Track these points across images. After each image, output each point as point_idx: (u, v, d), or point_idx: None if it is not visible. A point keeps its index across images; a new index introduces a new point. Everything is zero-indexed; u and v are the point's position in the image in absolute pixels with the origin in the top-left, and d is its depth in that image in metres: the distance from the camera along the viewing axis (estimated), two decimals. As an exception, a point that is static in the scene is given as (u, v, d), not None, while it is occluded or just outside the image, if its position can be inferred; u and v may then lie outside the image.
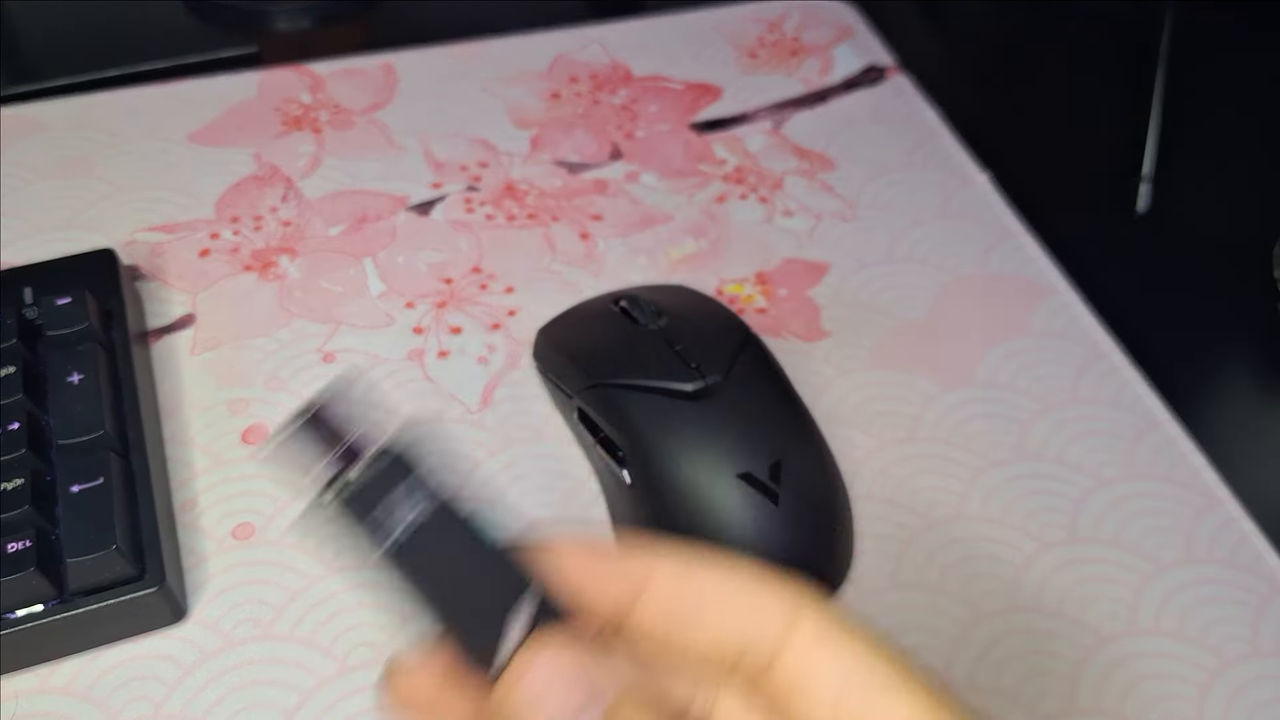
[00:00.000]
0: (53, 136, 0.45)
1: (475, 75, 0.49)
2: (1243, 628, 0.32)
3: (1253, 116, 0.50)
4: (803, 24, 0.53)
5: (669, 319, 0.34)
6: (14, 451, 0.31)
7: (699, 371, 0.32)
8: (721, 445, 0.31)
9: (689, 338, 0.33)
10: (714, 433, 0.31)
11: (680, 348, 0.33)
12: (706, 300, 0.37)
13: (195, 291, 0.40)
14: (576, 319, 0.37)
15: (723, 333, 0.34)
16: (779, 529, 0.31)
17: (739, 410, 0.32)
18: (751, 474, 0.31)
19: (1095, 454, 0.36)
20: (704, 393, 0.32)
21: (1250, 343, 0.41)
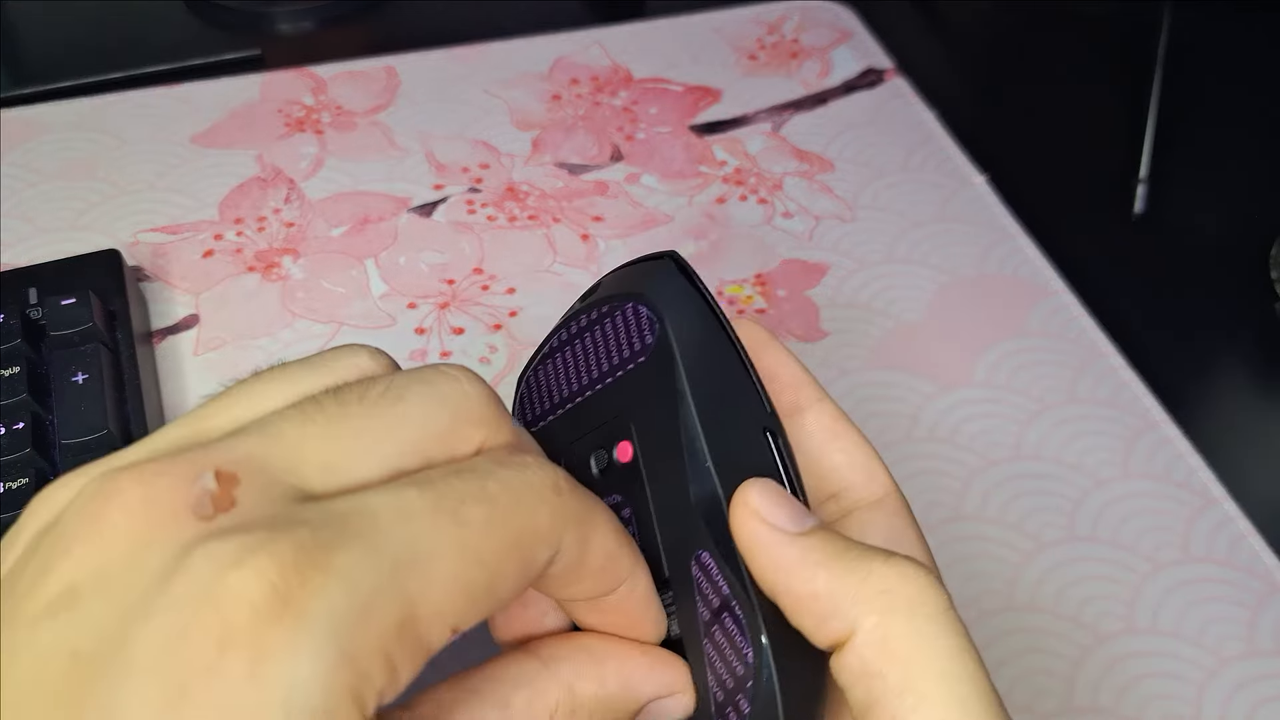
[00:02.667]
0: (56, 138, 0.45)
1: (477, 77, 0.50)
2: (1240, 627, 0.32)
3: (1250, 118, 0.51)
4: (802, 26, 0.53)
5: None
6: (18, 451, 0.31)
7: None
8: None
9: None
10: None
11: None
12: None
13: (199, 292, 0.40)
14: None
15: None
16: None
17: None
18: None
19: (1092, 454, 0.36)
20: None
21: (1247, 343, 0.41)
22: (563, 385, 0.23)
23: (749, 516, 0.20)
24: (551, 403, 0.23)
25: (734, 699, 0.20)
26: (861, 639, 0.19)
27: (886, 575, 0.19)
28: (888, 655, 0.19)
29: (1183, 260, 0.44)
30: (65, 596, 0.15)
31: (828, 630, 0.20)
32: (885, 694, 0.19)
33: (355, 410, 0.17)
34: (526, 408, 0.24)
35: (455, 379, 0.19)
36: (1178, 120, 0.49)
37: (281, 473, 0.16)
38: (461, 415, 0.18)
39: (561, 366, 0.23)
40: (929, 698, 0.18)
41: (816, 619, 0.20)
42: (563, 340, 0.24)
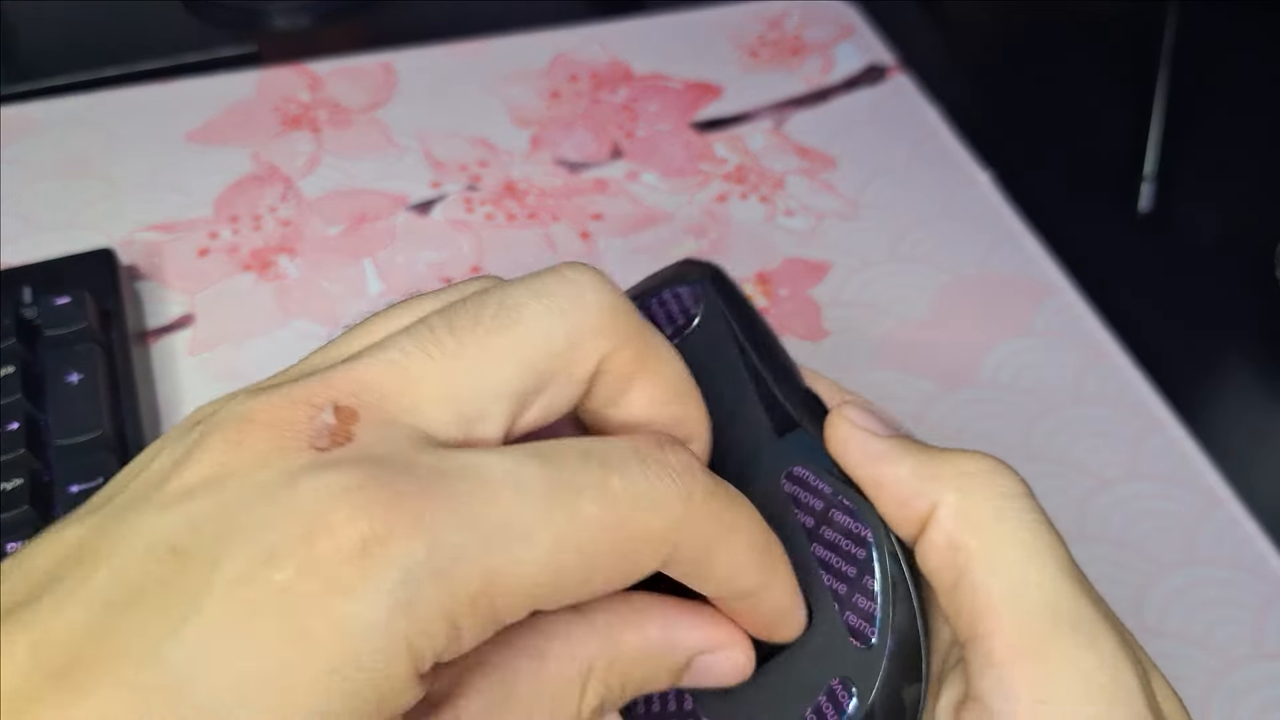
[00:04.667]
0: (51, 136, 0.45)
1: (475, 74, 0.49)
2: (1246, 629, 0.32)
3: (1255, 116, 0.50)
4: (803, 23, 0.53)
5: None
6: (12, 452, 0.31)
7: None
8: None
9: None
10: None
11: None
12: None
13: (194, 291, 0.40)
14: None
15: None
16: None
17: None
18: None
19: (1098, 454, 0.36)
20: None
21: (1253, 343, 0.41)
22: None
23: (843, 421, 0.21)
24: None
25: (860, 582, 0.21)
26: (944, 513, 0.20)
27: (966, 462, 0.20)
28: (970, 527, 0.20)
29: (1189, 259, 0.44)
30: (181, 495, 0.15)
31: (911, 511, 0.20)
32: (969, 564, 0.19)
33: (468, 337, 0.17)
34: None
35: (575, 283, 0.18)
36: (1184, 117, 0.49)
37: (401, 411, 0.16)
38: (581, 328, 0.18)
39: None
40: (1011, 566, 0.19)
41: (900, 501, 0.20)
42: None
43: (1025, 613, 0.19)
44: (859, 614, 0.20)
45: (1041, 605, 0.19)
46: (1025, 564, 0.19)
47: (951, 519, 0.20)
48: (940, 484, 0.20)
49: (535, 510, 0.16)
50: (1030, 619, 0.19)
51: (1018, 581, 0.19)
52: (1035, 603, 0.19)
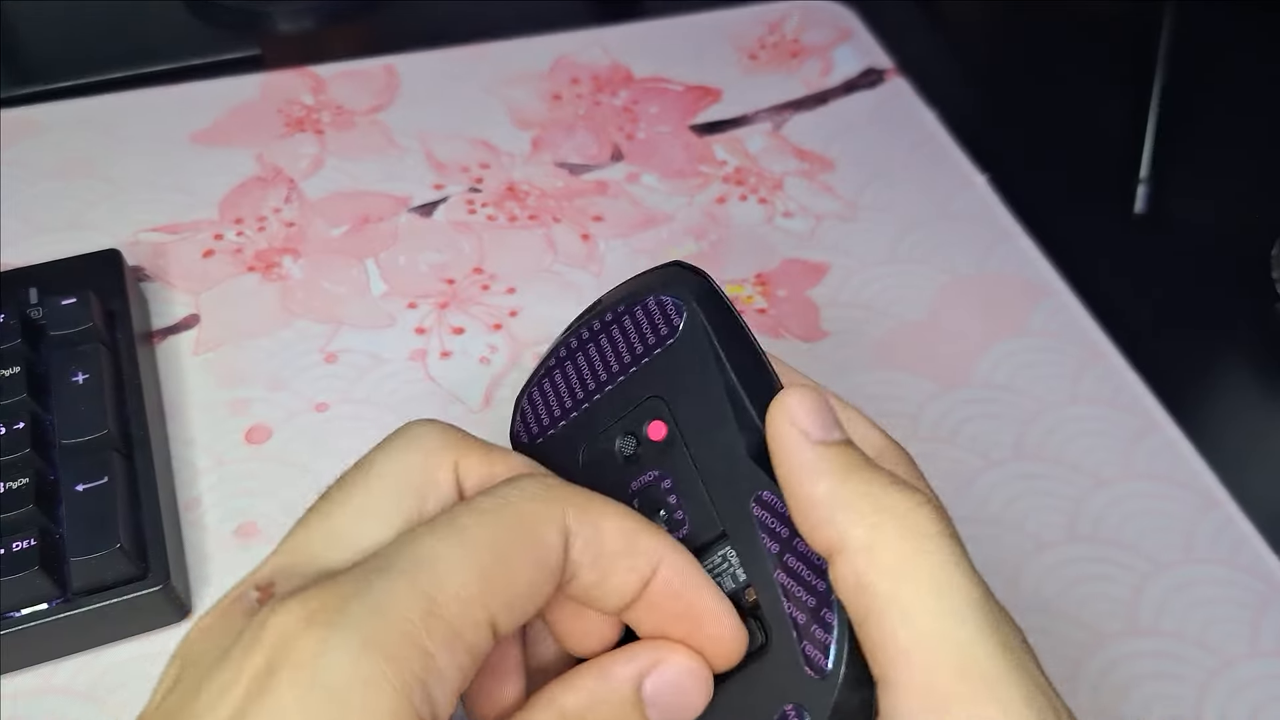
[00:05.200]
0: (55, 138, 0.45)
1: (477, 77, 0.50)
2: (1242, 627, 0.32)
3: (1251, 117, 0.51)
4: (802, 26, 0.53)
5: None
6: (18, 451, 0.31)
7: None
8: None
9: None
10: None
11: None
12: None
13: (198, 292, 0.40)
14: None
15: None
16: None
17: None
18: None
19: (1094, 454, 0.36)
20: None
21: (1249, 344, 0.41)
22: (571, 392, 0.25)
23: (781, 416, 0.21)
24: (560, 411, 0.25)
25: (818, 613, 0.21)
26: (853, 549, 0.20)
27: (885, 494, 0.20)
28: (876, 567, 0.19)
29: (1184, 260, 0.44)
30: (171, 679, 0.20)
31: (820, 538, 0.20)
32: (875, 606, 0.19)
33: (338, 495, 0.21)
34: (530, 424, 0.25)
35: (412, 426, 0.22)
36: (1179, 120, 0.49)
37: (304, 565, 0.20)
38: (428, 448, 0.22)
39: (568, 377, 0.25)
40: (920, 615, 0.19)
41: (811, 525, 0.20)
42: (566, 353, 0.25)
43: (931, 667, 0.19)
44: (815, 644, 0.21)
45: (949, 659, 0.19)
46: (935, 614, 0.19)
47: (861, 557, 0.20)
48: (853, 515, 0.20)
49: (431, 540, 0.19)
50: (936, 674, 0.19)
51: (925, 633, 0.19)
52: (942, 656, 0.19)
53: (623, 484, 0.23)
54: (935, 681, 0.19)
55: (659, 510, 0.23)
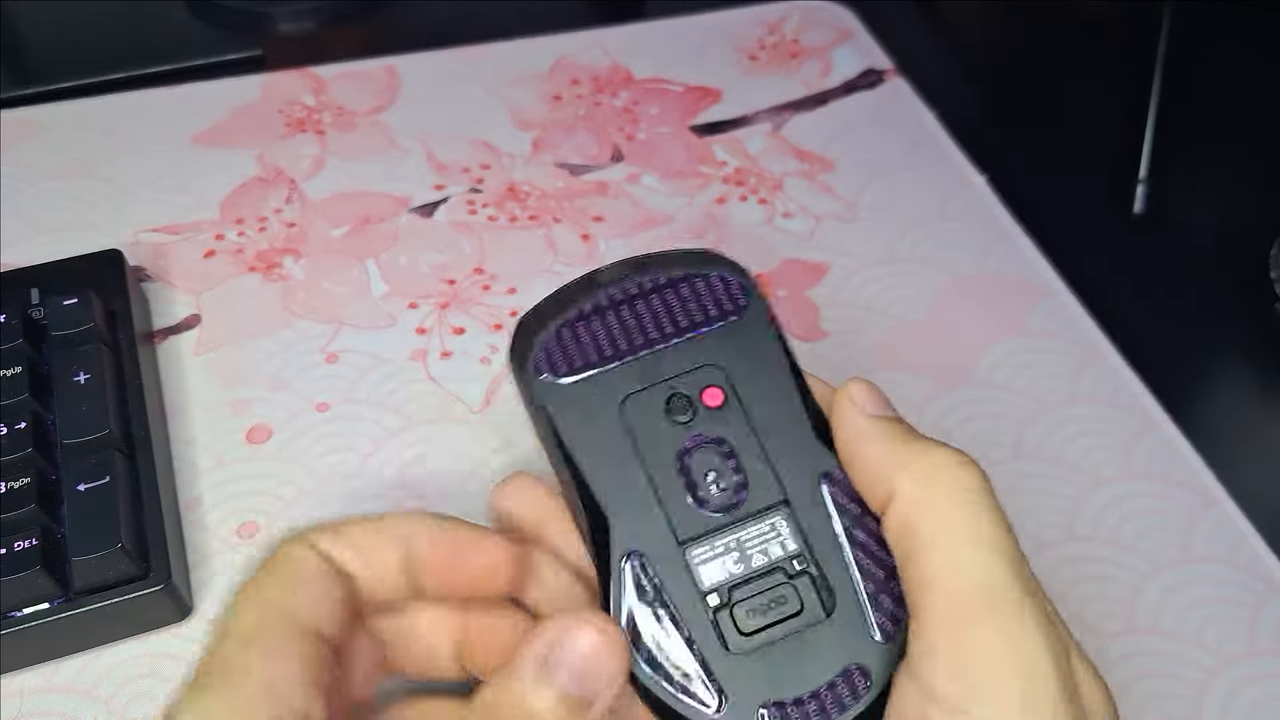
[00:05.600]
0: (56, 139, 0.46)
1: (477, 78, 0.50)
2: (1240, 626, 0.32)
3: (1250, 118, 0.51)
4: (802, 26, 0.53)
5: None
6: (19, 451, 0.31)
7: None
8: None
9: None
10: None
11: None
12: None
13: (199, 292, 0.40)
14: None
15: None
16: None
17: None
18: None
19: (1092, 454, 0.36)
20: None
21: (1247, 343, 0.41)
22: (614, 342, 0.25)
23: (846, 399, 0.24)
24: (599, 357, 0.25)
25: (887, 584, 0.23)
26: (901, 499, 0.22)
27: (934, 454, 0.23)
28: (922, 513, 0.22)
29: (1182, 260, 0.44)
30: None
31: (876, 494, 0.23)
32: (917, 548, 0.22)
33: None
34: (556, 361, 0.25)
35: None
36: (1177, 120, 0.49)
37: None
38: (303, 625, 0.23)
39: (610, 326, 0.25)
40: (952, 549, 0.21)
41: (869, 482, 0.23)
42: (609, 302, 0.25)
43: (956, 591, 0.21)
44: (883, 612, 0.23)
45: (972, 585, 0.21)
46: (965, 547, 0.21)
47: (908, 504, 0.22)
48: (905, 471, 0.22)
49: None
50: (960, 597, 0.21)
51: (954, 563, 0.21)
52: (967, 583, 0.21)
53: (673, 440, 0.24)
54: (958, 603, 0.21)
55: (710, 471, 0.24)
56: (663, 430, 0.24)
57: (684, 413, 0.24)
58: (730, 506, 0.24)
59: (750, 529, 0.24)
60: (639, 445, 0.24)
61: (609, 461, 0.24)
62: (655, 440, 0.24)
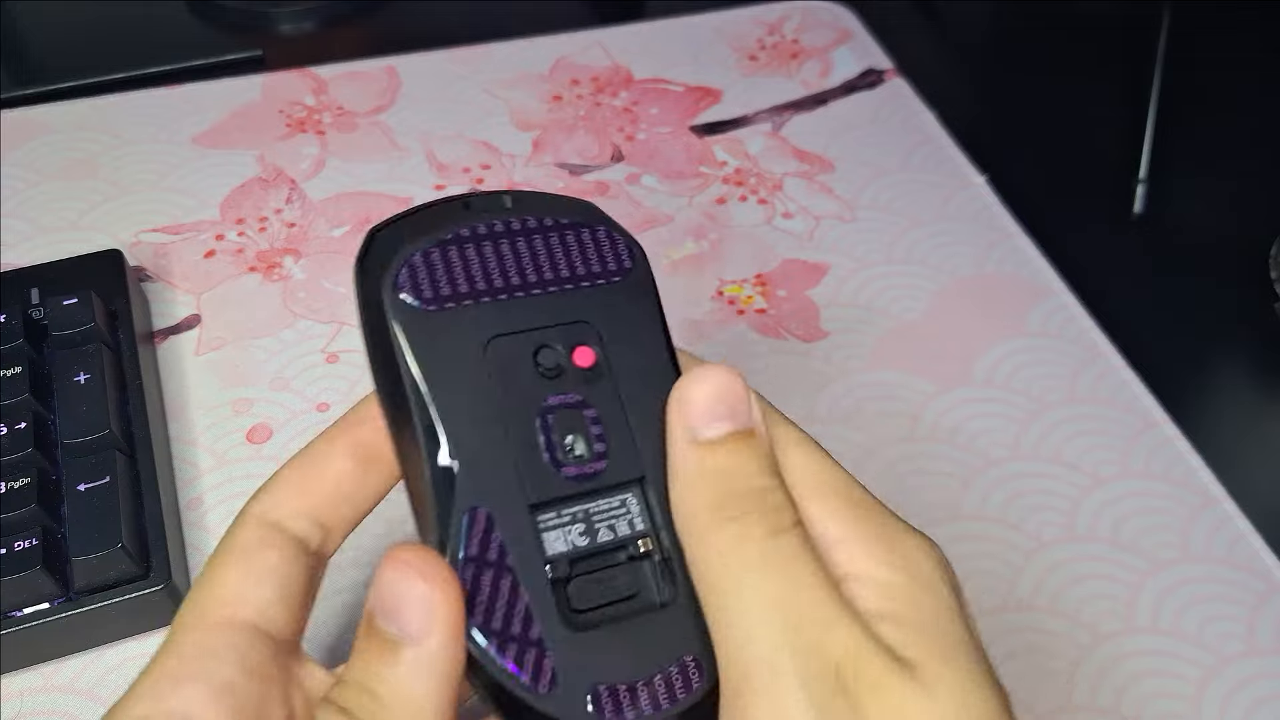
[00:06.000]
0: (58, 139, 0.46)
1: (477, 78, 0.50)
2: (1239, 625, 0.32)
3: (1249, 119, 0.51)
4: (802, 27, 0.54)
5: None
6: (20, 451, 0.31)
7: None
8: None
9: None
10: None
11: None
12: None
13: (200, 292, 0.40)
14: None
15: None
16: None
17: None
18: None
19: (1092, 453, 0.37)
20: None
21: (1247, 343, 0.41)
22: (487, 275, 0.23)
23: (675, 407, 0.22)
24: (468, 289, 0.23)
25: None
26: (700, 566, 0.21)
27: (741, 523, 0.21)
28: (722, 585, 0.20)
29: (1182, 260, 0.44)
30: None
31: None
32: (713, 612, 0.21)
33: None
34: (422, 286, 0.22)
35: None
36: (1177, 120, 0.49)
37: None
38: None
39: (485, 258, 0.23)
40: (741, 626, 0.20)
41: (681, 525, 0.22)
42: (487, 233, 0.23)
43: (737, 662, 0.20)
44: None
45: (752, 659, 0.20)
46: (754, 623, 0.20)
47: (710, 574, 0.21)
48: (709, 537, 0.21)
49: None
50: (739, 670, 0.20)
51: (742, 635, 0.20)
52: (749, 656, 0.20)
53: (536, 394, 0.22)
54: (736, 674, 0.20)
55: (571, 434, 0.22)
56: (527, 382, 0.22)
57: (552, 367, 0.23)
58: (586, 476, 0.22)
59: (601, 503, 0.22)
60: (499, 393, 0.22)
61: (464, 405, 0.22)
62: (518, 391, 0.22)
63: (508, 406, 0.22)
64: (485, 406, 0.22)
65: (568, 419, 0.22)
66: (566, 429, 0.22)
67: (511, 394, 0.22)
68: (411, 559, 0.20)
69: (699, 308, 0.41)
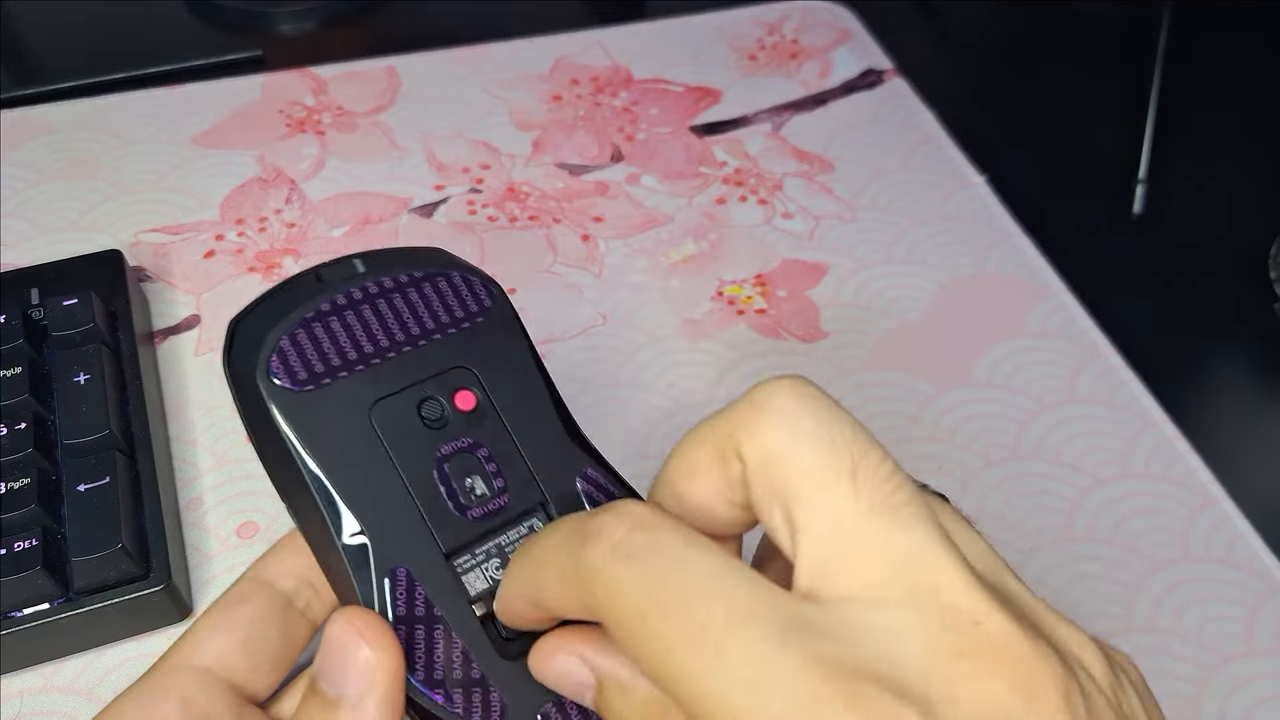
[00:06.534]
0: (58, 139, 0.46)
1: (477, 78, 0.50)
2: (1239, 626, 0.32)
3: (1249, 118, 0.51)
4: (802, 27, 0.54)
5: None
6: (20, 451, 0.31)
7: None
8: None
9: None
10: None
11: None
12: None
13: (200, 292, 0.40)
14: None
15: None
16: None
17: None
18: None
19: (1092, 454, 0.37)
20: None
21: (1246, 343, 0.41)
22: (356, 346, 0.23)
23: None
24: (341, 362, 0.23)
25: None
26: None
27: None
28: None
29: (1182, 260, 0.44)
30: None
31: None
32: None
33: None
34: (295, 368, 0.23)
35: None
36: (1177, 120, 0.49)
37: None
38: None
39: (351, 329, 0.23)
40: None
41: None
42: (347, 303, 0.23)
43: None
44: None
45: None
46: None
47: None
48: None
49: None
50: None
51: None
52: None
53: (428, 448, 0.23)
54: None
55: (469, 477, 0.23)
56: (416, 437, 0.23)
57: (437, 418, 0.23)
58: (491, 513, 0.23)
59: (510, 532, 0.23)
60: (393, 455, 0.22)
61: (361, 475, 0.22)
62: (409, 448, 0.23)
63: (404, 466, 0.23)
64: (382, 473, 0.22)
65: (463, 463, 0.23)
66: (464, 473, 0.23)
67: (404, 454, 0.23)
68: (355, 620, 0.20)
69: (699, 308, 0.41)
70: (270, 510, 0.34)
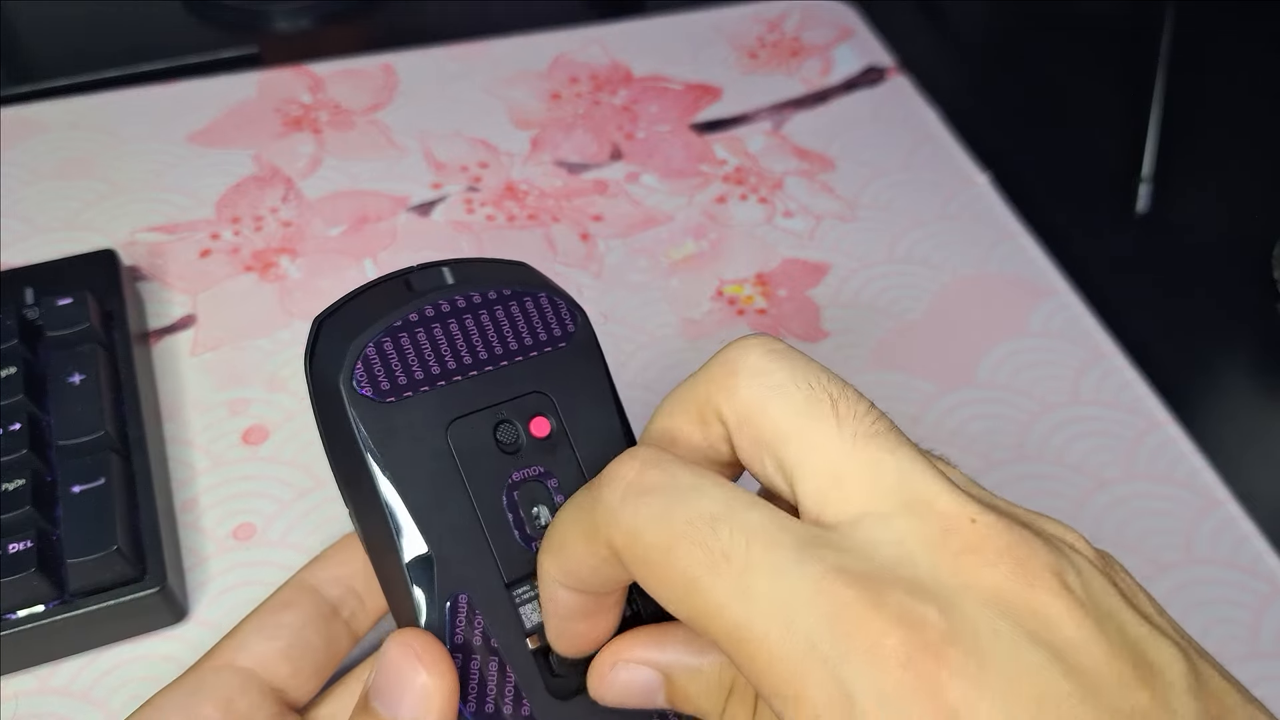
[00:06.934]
0: (53, 137, 0.45)
1: (475, 76, 0.50)
2: (1243, 628, 0.32)
3: (1253, 117, 0.50)
4: (803, 24, 0.53)
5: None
6: (15, 452, 0.31)
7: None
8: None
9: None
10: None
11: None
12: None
13: (196, 292, 0.40)
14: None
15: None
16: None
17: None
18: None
19: (1095, 455, 0.36)
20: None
21: (1251, 343, 0.41)
22: (440, 360, 0.23)
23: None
24: (424, 375, 0.23)
25: None
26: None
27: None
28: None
29: (1186, 260, 0.44)
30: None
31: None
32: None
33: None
34: (379, 378, 0.22)
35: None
36: (1181, 119, 0.49)
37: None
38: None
39: (436, 342, 0.23)
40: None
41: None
42: (434, 315, 0.23)
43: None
44: None
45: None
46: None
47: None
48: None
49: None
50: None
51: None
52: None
53: (501, 473, 0.23)
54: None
55: (536, 506, 0.23)
56: (490, 460, 0.23)
57: (511, 442, 0.23)
58: None
59: None
60: (465, 477, 0.22)
61: (433, 494, 0.22)
62: (482, 471, 0.22)
63: (475, 490, 0.22)
64: (453, 494, 0.22)
65: (531, 491, 0.23)
66: (531, 502, 0.23)
67: (476, 477, 0.22)
68: (415, 644, 0.20)
69: (699, 308, 0.40)
70: (266, 512, 0.34)
